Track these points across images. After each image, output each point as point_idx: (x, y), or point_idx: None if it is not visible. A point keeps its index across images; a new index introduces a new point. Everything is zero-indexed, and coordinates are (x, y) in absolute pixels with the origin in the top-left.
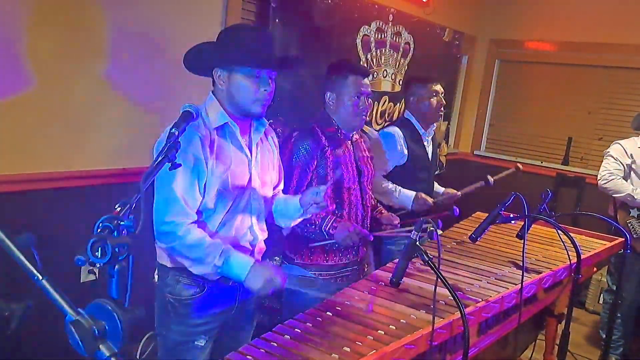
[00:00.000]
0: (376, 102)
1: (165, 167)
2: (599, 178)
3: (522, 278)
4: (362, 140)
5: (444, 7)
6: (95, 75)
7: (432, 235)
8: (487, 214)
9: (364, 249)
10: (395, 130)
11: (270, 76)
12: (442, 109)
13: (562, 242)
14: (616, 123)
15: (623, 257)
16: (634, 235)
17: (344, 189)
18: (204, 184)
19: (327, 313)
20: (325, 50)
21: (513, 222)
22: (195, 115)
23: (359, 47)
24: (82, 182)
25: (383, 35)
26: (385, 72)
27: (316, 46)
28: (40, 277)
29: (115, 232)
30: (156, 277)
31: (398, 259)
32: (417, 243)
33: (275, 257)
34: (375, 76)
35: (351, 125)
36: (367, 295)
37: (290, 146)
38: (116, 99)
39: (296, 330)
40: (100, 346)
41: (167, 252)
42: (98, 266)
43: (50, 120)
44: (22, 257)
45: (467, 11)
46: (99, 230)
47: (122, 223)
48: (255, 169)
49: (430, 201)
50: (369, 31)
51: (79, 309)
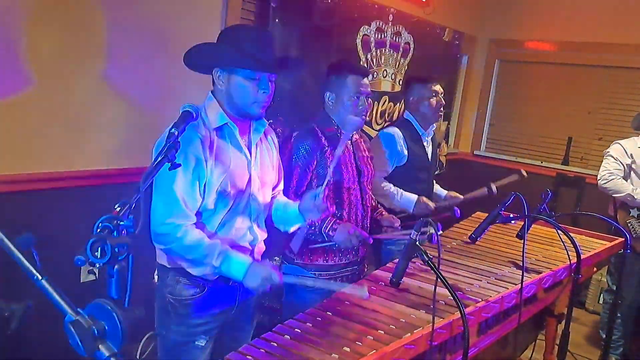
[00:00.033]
0: (376, 102)
1: (164, 167)
2: (599, 178)
3: (522, 278)
4: (362, 140)
5: (444, 7)
6: (95, 75)
7: (432, 239)
8: (487, 214)
9: (364, 249)
10: (395, 131)
11: (270, 78)
12: (442, 109)
13: (562, 242)
14: (616, 123)
15: (623, 257)
16: (634, 235)
17: (344, 189)
18: (203, 185)
19: (327, 313)
20: (325, 50)
21: (513, 222)
22: (195, 115)
23: (359, 47)
24: (82, 182)
25: (383, 35)
26: (385, 72)
27: (316, 46)
28: (40, 277)
29: (115, 232)
30: (156, 277)
31: (398, 259)
32: (417, 243)
33: (275, 257)
34: (375, 76)
35: (351, 125)
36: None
37: (290, 146)
38: (116, 99)
39: (296, 330)
40: (100, 346)
41: (165, 253)
42: (98, 266)
43: (50, 120)
44: (22, 257)
45: (467, 11)
46: (98, 230)
47: (121, 223)
48: (255, 170)
49: (432, 206)
50: (369, 31)
51: (79, 309)
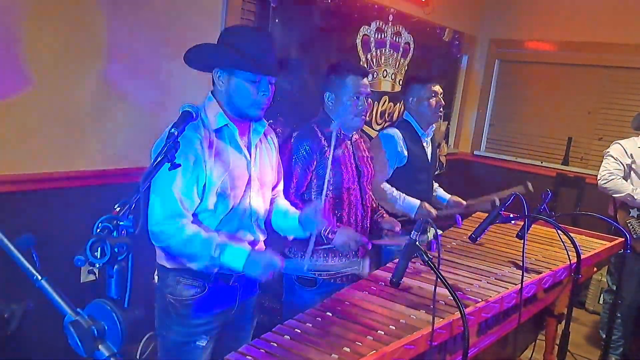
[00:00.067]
0: (376, 102)
1: (164, 167)
2: (599, 178)
3: (522, 278)
4: (361, 140)
5: (444, 7)
6: (95, 75)
7: (431, 247)
8: (487, 214)
9: (364, 249)
10: (395, 132)
11: (270, 81)
12: (442, 109)
13: (562, 242)
14: (616, 123)
15: (623, 257)
16: (634, 236)
17: (344, 189)
18: (202, 185)
19: (327, 313)
20: (325, 50)
21: (513, 222)
22: (195, 116)
23: (359, 47)
24: (82, 182)
25: (383, 35)
26: (385, 72)
27: (316, 46)
28: (40, 278)
29: (115, 232)
30: (156, 278)
31: (398, 259)
32: (417, 243)
33: None
34: (375, 76)
35: (350, 126)
36: (368, 296)
37: (290, 146)
38: (116, 99)
39: (296, 330)
40: (100, 346)
41: (164, 251)
42: (98, 266)
43: (50, 120)
44: (22, 258)
45: (467, 11)
46: (98, 230)
47: (121, 223)
48: (254, 170)
49: (434, 213)
50: (369, 31)
51: (79, 309)
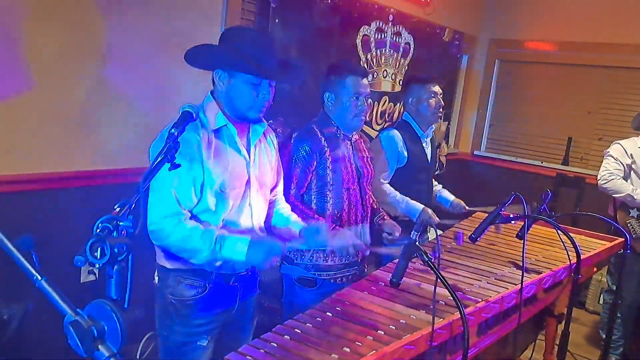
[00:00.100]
0: (376, 102)
1: (163, 167)
2: (598, 178)
3: (522, 278)
4: (361, 140)
5: (444, 7)
6: (95, 75)
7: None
8: (487, 214)
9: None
10: (395, 133)
11: (271, 83)
12: (441, 109)
13: (562, 242)
14: (616, 123)
15: (623, 257)
16: (634, 236)
17: (344, 189)
18: (200, 185)
19: (327, 313)
20: (325, 51)
21: (513, 222)
22: (195, 116)
23: (359, 47)
24: (82, 182)
25: (383, 36)
26: (385, 72)
27: (316, 46)
28: (40, 278)
29: (115, 232)
30: (156, 278)
31: (398, 259)
32: (417, 243)
33: None
34: (375, 76)
35: (350, 126)
36: (369, 296)
37: (290, 147)
38: (116, 99)
39: (296, 330)
40: (99, 347)
41: (164, 251)
42: (97, 267)
43: (50, 120)
44: (22, 258)
45: (467, 11)
46: (98, 230)
47: (121, 223)
48: (254, 171)
49: (436, 220)
50: (369, 31)
51: (78, 309)
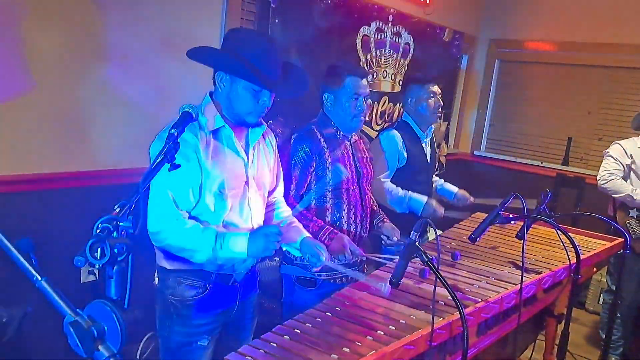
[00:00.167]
0: (376, 102)
1: (163, 167)
2: (598, 178)
3: (522, 278)
4: (361, 141)
5: (444, 7)
6: (95, 75)
7: (424, 274)
8: (486, 214)
9: (364, 250)
10: (394, 133)
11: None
12: (440, 110)
13: (562, 242)
14: (616, 123)
15: (622, 258)
16: (633, 236)
17: (343, 190)
18: (199, 186)
19: (327, 313)
20: (325, 51)
21: (512, 222)
22: (194, 116)
23: (359, 47)
24: (82, 182)
25: (383, 36)
26: (385, 72)
27: (316, 46)
28: (39, 278)
29: (115, 232)
30: (156, 279)
31: (398, 260)
32: (417, 243)
33: (275, 257)
34: (375, 76)
35: (349, 126)
36: (368, 296)
37: (289, 148)
38: (116, 99)
39: (296, 330)
40: (99, 347)
41: (164, 252)
42: (98, 267)
43: (50, 120)
44: (22, 258)
45: (467, 11)
46: (98, 231)
47: (121, 224)
48: (252, 172)
49: (440, 211)
50: (368, 31)
51: (78, 309)
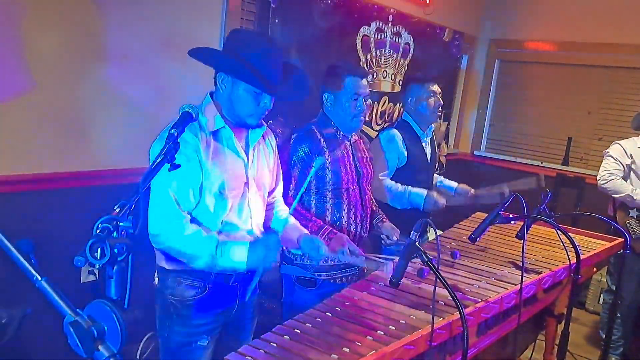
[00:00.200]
0: (376, 102)
1: (163, 168)
2: (598, 178)
3: (522, 278)
4: (361, 141)
5: (444, 7)
6: (95, 75)
7: (422, 274)
8: (486, 214)
9: (363, 250)
10: (394, 132)
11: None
12: (440, 109)
13: (562, 242)
14: (616, 123)
15: (622, 258)
16: (633, 236)
17: (343, 190)
18: (199, 187)
19: (327, 313)
20: (325, 51)
21: (513, 222)
22: (194, 117)
23: (359, 47)
24: (82, 182)
25: (383, 36)
26: (385, 72)
27: (316, 46)
28: (39, 278)
29: (115, 232)
30: (156, 279)
31: (398, 260)
32: (417, 243)
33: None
34: (375, 77)
35: (349, 126)
36: (368, 296)
37: (289, 148)
38: (116, 99)
39: (296, 330)
40: (99, 347)
41: (164, 252)
42: (98, 267)
43: (50, 120)
44: (21, 258)
45: (467, 11)
46: (98, 231)
47: (121, 224)
48: (252, 172)
49: (441, 201)
50: (368, 31)
51: (78, 309)
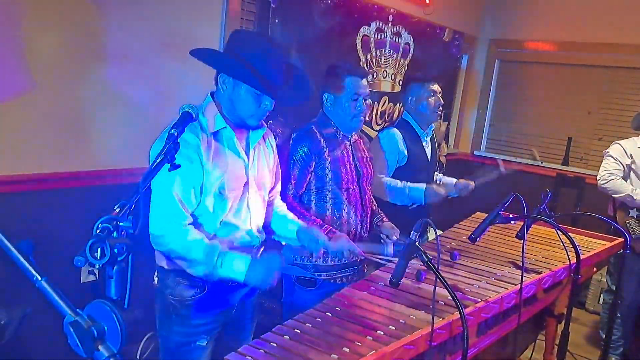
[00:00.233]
0: (376, 102)
1: (163, 168)
2: (598, 178)
3: (522, 278)
4: (361, 140)
5: (444, 7)
6: (95, 75)
7: (420, 277)
8: (486, 214)
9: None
10: (395, 132)
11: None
12: (441, 108)
13: (562, 242)
14: (616, 123)
15: (622, 258)
16: (633, 236)
17: (343, 190)
18: (200, 187)
19: (327, 313)
20: (325, 51)
21: (512, 222)
22: (194, 117)
23: (359, 47)
24: (82, 182)
25: (383, 36)
26: (385, 72)
27: (316, 46)
28: (39, 278)
29: (115, 232)
30: (156, 279)
31: (397, 259)
32: (417, 243)
33: None
34: (375, 76)
35: (349, 127)
36: (368, 296)
37: (289, 148)
38: (116, 99)
39: (295, 330)
40: (99, 347)
41: (165, 255)
42: (98, 267)
43: (51, 120)
44: (21, 258)
45: (467, 11)
46: (98, 231)
47: (121, 224)
48: (252, 173)
49: (442, 191)
50: (368, 31)
51: (78, 309)
